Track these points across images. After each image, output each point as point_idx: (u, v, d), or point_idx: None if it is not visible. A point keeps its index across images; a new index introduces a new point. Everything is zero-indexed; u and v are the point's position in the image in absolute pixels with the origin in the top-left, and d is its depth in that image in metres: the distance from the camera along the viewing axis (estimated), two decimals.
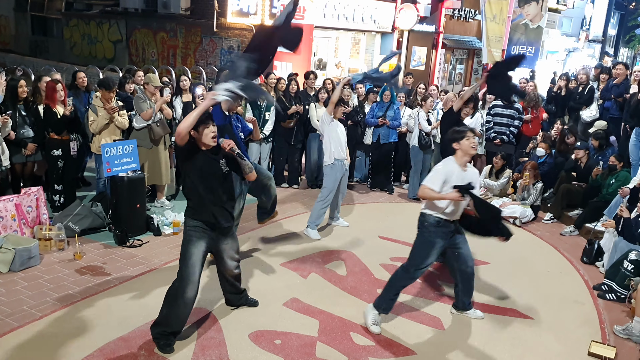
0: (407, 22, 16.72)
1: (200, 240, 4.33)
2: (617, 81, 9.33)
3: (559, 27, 30.39)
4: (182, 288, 4.28)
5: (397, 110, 9.01)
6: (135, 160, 6.63)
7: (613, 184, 7.64)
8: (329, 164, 7.00)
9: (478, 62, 22.07)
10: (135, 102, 7.14)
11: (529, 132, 9.30)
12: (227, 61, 13.84)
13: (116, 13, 17.06)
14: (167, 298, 4.36)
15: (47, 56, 19.77)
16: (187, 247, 4.33)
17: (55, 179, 6.94)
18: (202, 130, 4.22)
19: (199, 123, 4.17)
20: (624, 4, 46.40)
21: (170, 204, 7.63)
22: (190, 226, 4.35)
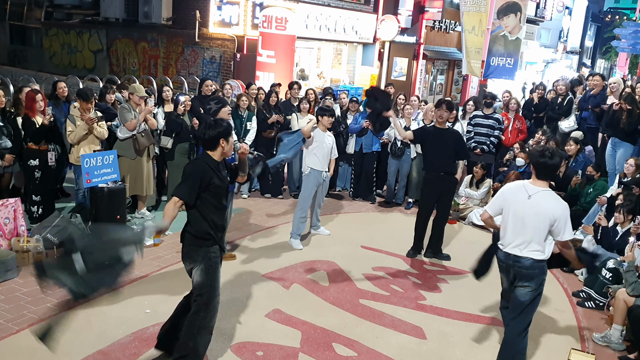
0: (388, 33, 16.87)
1: (219, 266, 4.18)
2: (594, 92, 9.49)
3: (538, 38, 30.89)
4: (209, 317, 4.11)
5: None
6: (115, 171, 6.57)
7: (591, 193, 7.75)
8: (305, 173, 7.07)
9: (458, 73, 22.33)
10: (120, 112, 7.10)
11: (508, 142, 9.41)
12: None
13: (97, 22, 16.95)
14: (193, 329, 4.06)
15: (26, 65, 19.55)
16: (216, 276, 4.10)
17: (32, 189, 6.83)
18: (230, 140, 4.12)
19: (226, 134, 4.05)
20: (600, 16, 47.34)
21: (151, 214, 7.57)
22: (214, 254, 4.10)
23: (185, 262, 4.18)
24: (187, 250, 4.12)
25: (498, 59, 12.34)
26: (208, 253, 4.06)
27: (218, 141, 4.04)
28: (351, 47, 17.45)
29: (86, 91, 6.97)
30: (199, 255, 4.05)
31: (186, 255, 4.13)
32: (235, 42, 13.96)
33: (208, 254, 4.06)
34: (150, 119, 7.25)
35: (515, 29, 12.09)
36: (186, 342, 4.06)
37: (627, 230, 6.14)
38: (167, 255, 6.37)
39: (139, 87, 7.40)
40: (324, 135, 7.13)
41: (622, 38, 16.72)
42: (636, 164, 7.31)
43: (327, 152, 7.11)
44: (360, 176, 9.29)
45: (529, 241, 4.18)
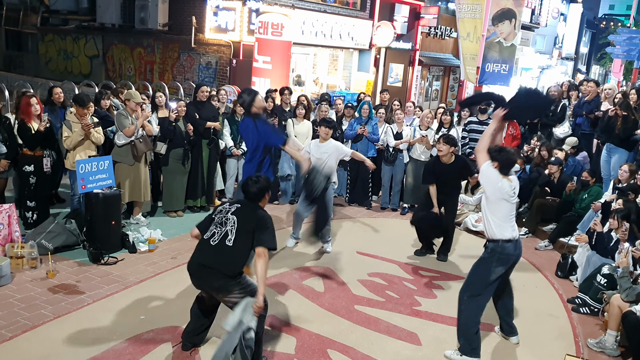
0: (384, 39, 16.92)
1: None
2: (588, 98, 9.53)
3: (533, 44, 31.03)
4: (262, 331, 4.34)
5: (375, 126, 9.08)
6: (110, 176, 6.56)
7: (586, 198, 7.78)
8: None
9: (454, 79, 22.41)
10: (117, 118, 7.10)
11: None
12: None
13: (93, 28, 16.95)
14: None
15: (22, 71, 19.53)
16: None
17: (27, 195, 6.82)
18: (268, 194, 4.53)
19: (269, 189, 4.44)
20: (595, 22, 47.61)
21: (146, 220, 7.55)
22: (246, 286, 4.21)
23: (219, 295, 4.22)
24: (220, 285, 4.14)
25: (493, 65, 12.39)
26: (241, 280, 4.18)
27: (264, 194, 4.38)
28: (347, 53, 17.49)
29: (82, 97, 6.97)
30: (236, 286, 4.13)
31: (222, 289, 4.15)
32: (231, 48, 13.97)
33: (241, 280, 4.18)
34: (147, 125, 7.25)
35: (510, 35, 12.15)
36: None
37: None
38: (162, 262, 6.36)
39: (135, 93, 7.40)
40: (321, 145, 7.04)
41: (617, 44, 16.79)
42: (630, 170, 7.34)
43: (325, 161, 6.93)
44: (356, 182, 9.30)
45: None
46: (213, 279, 4.12)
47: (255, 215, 4.19)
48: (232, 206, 4.29)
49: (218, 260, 4.09)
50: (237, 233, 4.11)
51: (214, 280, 4.12)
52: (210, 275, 4.11)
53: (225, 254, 4.09)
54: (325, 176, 5.93)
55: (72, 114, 6.79)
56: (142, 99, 7.56)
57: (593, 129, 9.28)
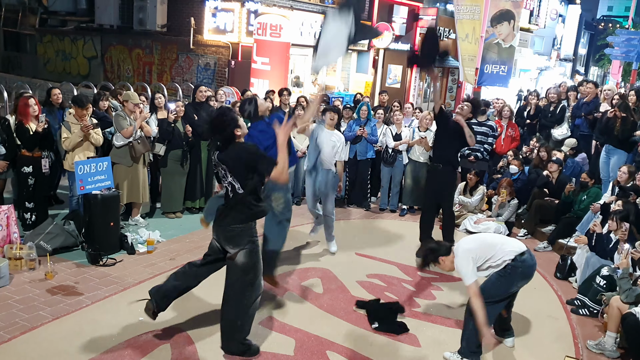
0: (383, 41, 16.93)
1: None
2: (587, 99, 9.54)
3: (531, 46, 31.06)
4: (256, 296, 4.47)
5: (374, 127, 9.08)
6: (109, 177, 6.55)
7: (585, 200, 7.78)
8: (305, 169, 7.40)
9: (452, 80, 22.41)
10: (115, 119, 7.09)
11: (501, 149, 9.43)
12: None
13: (91, 29, 16.94)
14: (240, 307, 4.40)
15: (20, 72, 19.51)
16: (258, 257, 4.45)
17: (26, 196, 6.80)
18: None
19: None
20: (593, 24, 47.70)
21: (144, 221, 7.54)
22: (255, 237, 4.42)
23: (227, 246, 4.37)
24: (232, 235, 4.31)
25: (492, 66, 12.40)
26: (252, 236, 4.36)
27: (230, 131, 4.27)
28: (346, 54, 17.50)
29: (81, 98, 6.96)
30: (244, 239, 4.30)
31: (230, 240, 4.33)
32: (229, 49, 13.97)
33: (252, 237, 4.36)
34: (145, 126, 7.24)
35: (509, 36, 12.16)
36: (234, 320, 4.42)
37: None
38: (161, 263, 6.35)
39: (133, 94, 7.40)
40: (329, 134, 7.02)
41: (615, 46, 16.83)
42: (629, 171, 7.34)
43: (329, 151, 6.93)
44: (355, 183, 9.29)
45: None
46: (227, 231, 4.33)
47: (241, 153, 4.22)
48: (216, 156, 4.33)
49: (234, 214, 4.29)
50: (237, 178, 4.22)
51: (227, 231, 4.32)
52: (225, 229, 4.34)
53: (239, 199, 4.26)
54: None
55: (71, 115, 6.78)
56: (140, 100, 7.55)
57: (592, 131, 9.29)
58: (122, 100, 7.55)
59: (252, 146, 4.34)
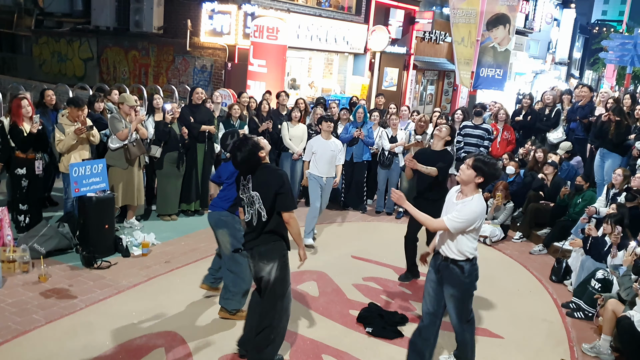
0: (379, 44, 16.92)
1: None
2: (581, 103, 9.56)
3: (527, 49, 31.15)
4: (288, 305, 4.49)
5: (370, 130, 9.08)
6: (104, 180, 6.53)
7: (580, 203, 7.80)
8: (305, 177, 7.50)
9: (448, 84, 22.46)
10: (111, 122, 7.06)
11: (496, 152, 9.44)
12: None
13: (87, 31, 16.88)
14: (274, 315, 4.37)
15: (16, 73, 19.41)
16: (288, 269, 4.48)
17: (19, 198, 6.77)
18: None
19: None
20: (588, 28, 47.90)
21: (139, 224, 7.51)
22: (286, 251, 4.45)
23: (261, 262, 4.36)
24: (266, 249, 4.36)
25: (487, 69, 12.42)
26: (283, 249, 4.42)
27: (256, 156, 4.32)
28: (342, 57, 17.50)
29: (77, 98, 6.95)
30: (277, 253, 4.37)
31: (263, 255, 4.35)
32: (226, 51, 13.94)
33: (283, 250, 4.42)
34: (140, 128, 7.22)
35: (505, 40, 12.19)
36: (270, 327, 4.34)
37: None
38: (155, 266, 6.32)
39: (129, 96, 7.37)
40: (326, 142, 7.35)
41: (610, 50, 16.84)
42: (624, 175, 7.36)
43: (328, 158, 7.32)
44: (351, 185, 9.29)
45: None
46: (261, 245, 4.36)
47: (271, 181, 4.28)
48: (248, 181, 4.35)
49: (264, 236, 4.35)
50: (265, 205, 4.28)
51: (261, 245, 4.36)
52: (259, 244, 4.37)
53: (267, 226, 4.32)
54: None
55: (65, 117, 6.74)
56: (135, 102, 7.53)
57: (587, 134, 9.31)
58: (117, 103, 7.52)
59: (280, 175, 4.35)
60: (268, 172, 4.34)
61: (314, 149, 7.36)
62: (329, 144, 7.35)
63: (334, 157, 7.38)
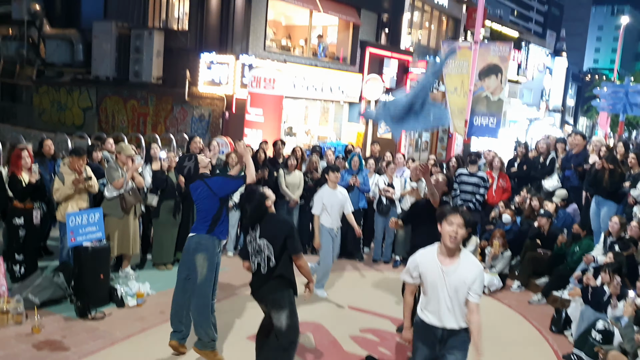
0: (374, 92, 17.23)
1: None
2: (575, 151, 9.66)
3: (520, 97, 31.70)
4: (294, 351, 4.71)
5: (366, 177, 9.13)
6: (100, 229, 6.52)
7: (577, 252, 7.78)
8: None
9: (443, 131, 22.70)
10: (107, 171, 7.11)
11: (492, 200, 9.48)
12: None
13: (87, 81, 17.17)
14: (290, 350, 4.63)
15: (15, 122, 19.60)
16: (297, 317, 4.70)
17: (15, 248, 6.74)
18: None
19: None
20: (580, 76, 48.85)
21: (135, 273, 7.45)
22: (294, 298, 4.70)
23: (272, 310, 4.59)
24: (275, 297, 4.57)
25: (481, 118, 12.59)
26: (291, 297, 4.61)
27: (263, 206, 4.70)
28: (338, 105, 17.77)
29: (79, 149, 7.03)
30: (286, 301, 4.56)
31: (274, 303, 4.58)
32: (224, 101, 14.16)
33: (291, 297, 4.61)
34: (137, 177, 7.25)
35: (497, 89, 12.40)
36: None
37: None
38: (150, 317, 6.24)
39: (126, 146, 7.44)
40: (334, 192, 7.33)
41: (602, 98, 17.16)
42: (621, 223, 7.38)
43: (338, 208, 7.33)
44: (347, 234, 9.26)
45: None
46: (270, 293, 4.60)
47: (280, 227, 4.60)
48: (255, 231, 4.61)
49: (273, 282, 4.56)
50: (275, 252, 4.52)
51: (271, 293, 4.59)
52: (269, 293, 4.60)
53: (276, 271, 4.54)
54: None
55: (66, 166, 6.79)
56: (133, 150, 7.59)
57: (581, 182, 9.37)
58: (115, 152, 7.58)
59: (285, 222, 4.76)
60: (275, 220, 4.68)
61: (324, 200, 7.24)
62: (337, 194, 7.35)
63: (341, 207, 7.38)
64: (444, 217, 3.83)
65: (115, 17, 16.17)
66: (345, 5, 17.17)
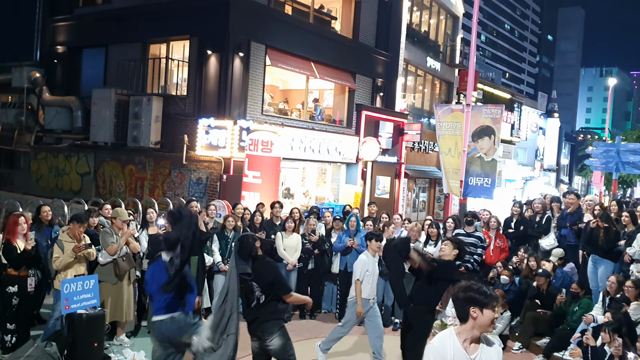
0: (370, 154, 17.44)
1: None
2: (570, 210, 9.72)
3: (515, 157, 32.07)
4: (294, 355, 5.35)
5: (363, 239, 9.12)
6: (95, 296, 6.44)
7: (577, 311, 7.71)
8: (350, 300, 7.25)
9: (440, 191, 22.86)
10: (102, 236, 7.11)
11: (490, 260, 9.45)
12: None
13: (85, 146, 17.35)
14: None
15: (12, 188, 19.65)
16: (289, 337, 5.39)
17: (8, 317, 6.63)
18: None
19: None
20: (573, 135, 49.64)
21: (129, 341, 7.32)
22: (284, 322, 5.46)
23: (264, 336, 5.21)
24: (266, 327, 5.19)
25: (476, 178, 12.71)
26: (282, 323, 5.32)
27: (253, 248, 5.33)
28: (335, 166, 17.94)
29: (80, 215, 7.05)
30: (276, 328, 5.21)
31: (264, 330, 5.20)
32: (222, 164, 14.29)
33: (282, 323, 5.33)
34: (132, 242, 7.24)
35: (490, 150, 12.58)
36: None
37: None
38: None
39: (122, 211, 7.47)
40: (375, 261, 7.19)
41: (594, 157, 17.38)
42: (618, 281, 7.35)
43: (376, 278, 7.24)
44: (347, 296, 9.16)
45: None
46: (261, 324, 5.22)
47: (267, 274, 5.21)
48: (247, 275, 5.13)
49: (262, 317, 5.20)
50: (264, 292, 5.17)
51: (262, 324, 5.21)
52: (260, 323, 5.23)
53: (264, 308, 5.20)
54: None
55: (65, 234, 6.78)
56: (129, 215, 7.61)
57: (578, 240, 9.39)
58: (111, 217, 7.60)
59: (272, 267, 5.39)
60: (264, 264, 5.28)
61: (368, 267, 7.01)
62: (376, 263, 7.23)
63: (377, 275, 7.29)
64: (490, 303, 3.48)
65: (115, 84, 16.51)
66: (341, 71, 17.62)
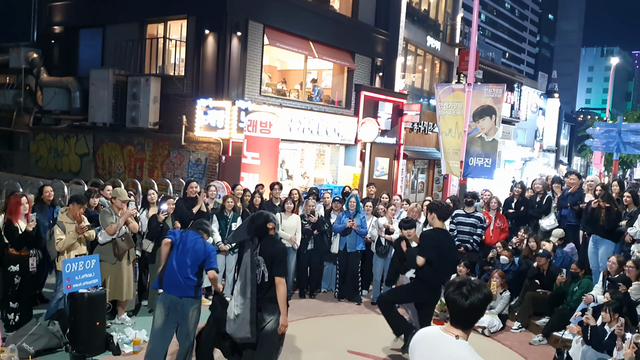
0: (369, 135, 17.38)
1: None
2: (571, 190, 9.72)
3: (514, 137, 32.02)
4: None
5: (363, 219, 9.14)
6: (97, 275, 6.46)
7: (577, 291, 7.74)
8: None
9: (439, 172, 22.85)
10: (101, 216, 7.09)
11: (490, 240, 9.48)
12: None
13: (84, 127, 17.29)
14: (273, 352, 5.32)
15: (12, 169, 19.63)
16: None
17: (11, 296, 6.66)
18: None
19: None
20: (573, 116, 49.50)
21: (131, 320, 7.36)
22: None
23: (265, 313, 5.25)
24: (271, 308, 5.25)
25: (476, 159, 12.69)
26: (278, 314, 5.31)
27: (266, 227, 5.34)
28: (334, 148, 17.90)
29: (80, 196, 7.03)
30: (277, 312, 5.24)
31: (265, 307, 5.24)
32: (220, 145, 14.25)
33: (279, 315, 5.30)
34: (131, 222, 7.23)
35: (491, 130, 12.54)
36: None
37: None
38: None
39: (122, 191, 7.45)
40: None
41: (595, 137, 17.36)
42: (619, 261, 7.36)
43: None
44: (346, 276, 9.21)
45: None
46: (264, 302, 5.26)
47: (273, 250, 5.26)
48: (255, 247, 5.26)
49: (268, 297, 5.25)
50: (267, 269, 5.21)
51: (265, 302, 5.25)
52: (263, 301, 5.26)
53: (266, 287, 5.24)
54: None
55: (64, 214, 6.77)
56: (129, 196, 7.58)
57: (578, 221, 9.40)
58: (111, 197, 7.58)
59: (280, 248, 5.42)
60: (273, 242, 5.35)
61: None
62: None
63: None
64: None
65: (113, 64, 16.40)
66: (340, 51, 17.49)
